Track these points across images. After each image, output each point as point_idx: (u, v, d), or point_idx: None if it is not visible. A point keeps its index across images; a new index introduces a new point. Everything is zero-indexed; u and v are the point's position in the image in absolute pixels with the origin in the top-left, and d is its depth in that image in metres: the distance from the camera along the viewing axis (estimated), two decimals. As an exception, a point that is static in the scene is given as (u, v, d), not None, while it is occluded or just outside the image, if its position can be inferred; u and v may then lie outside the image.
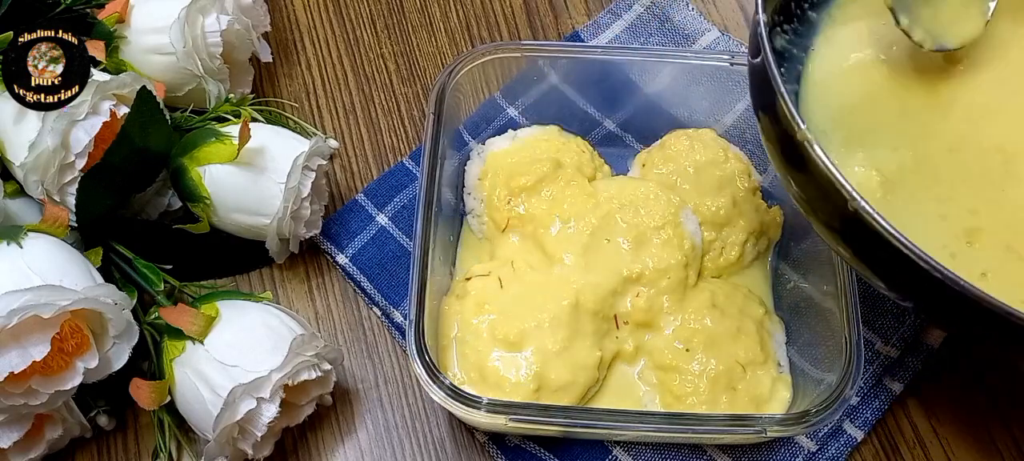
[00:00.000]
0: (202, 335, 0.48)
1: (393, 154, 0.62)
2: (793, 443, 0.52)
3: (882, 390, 0.54)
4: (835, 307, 0.48)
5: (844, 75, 0.47)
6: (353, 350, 0.56)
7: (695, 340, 0.50)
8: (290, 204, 0.51)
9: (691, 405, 0.49)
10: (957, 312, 0.38)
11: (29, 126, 0.48)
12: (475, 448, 0.53)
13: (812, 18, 0.48)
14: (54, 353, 0.44)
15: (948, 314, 0.40)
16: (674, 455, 0.52)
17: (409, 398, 0.54)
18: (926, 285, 0.36)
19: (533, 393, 0.48)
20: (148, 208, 0.56)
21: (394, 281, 0.56)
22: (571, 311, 0.50)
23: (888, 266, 0.39)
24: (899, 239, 0.36)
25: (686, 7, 0.67)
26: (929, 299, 0.39)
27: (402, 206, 0.59)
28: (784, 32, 0.47)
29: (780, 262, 0.56)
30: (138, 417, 0.53)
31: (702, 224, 0.54)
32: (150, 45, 0.55)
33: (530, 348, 0.49)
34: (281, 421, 0.49)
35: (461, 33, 0.68)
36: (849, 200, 0.37)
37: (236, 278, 0.57)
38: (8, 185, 0.51)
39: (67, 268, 0.46)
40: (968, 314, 0.37)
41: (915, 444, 0.53)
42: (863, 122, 0.46)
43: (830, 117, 0.46)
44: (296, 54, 0.66)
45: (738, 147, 0.58)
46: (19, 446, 0.47)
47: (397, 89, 0.65)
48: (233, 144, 0.51)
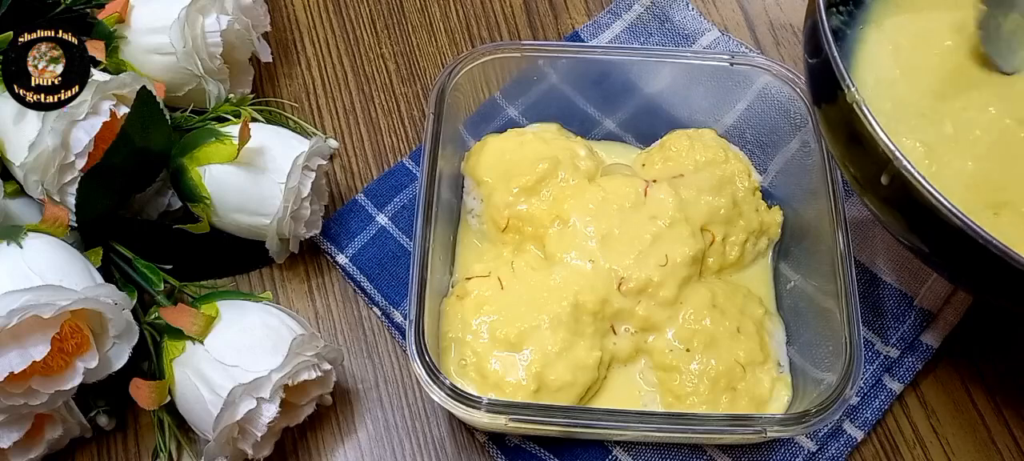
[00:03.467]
0: (202, 335, 0.48)
1: (393, 154, 0.62)
2: (793, 443, 0.52)
3: (882, 390, 0.54)
4: (835, 307, 0.48)
5: (897, 52, 0.50)
6: (353, 350, 0.56)
7: (695, 340, 0.50)
8: (290, 204, 0.51)
9: (691, 405, 0.49)
10: (982, 268, 0.41)
11: (29, 126, 0.48)
12: (475, 448, 0.53)
13: (867, 2, 0.51)
14: (54, 353, 0.44)
15: (974, 272, 0.43)
16: (674, 455, 0.52)
17: (409, 398, 0.54)
18: (953, 239, 0.40)
19: (533, 393, 0.48)
20: (148, 208, 0.56)
21: (394, 281, 0.56)
22: (571, 311, 0.50)
23: (925, 225, 0.42)
24: (937, 197, 0.39)
25: (686, 7, 0.67)
26: (956, 255, 0.42)
27: (402, 206, 0.59)
28: (839, 13, 0.50)
29: (780, 262, 0.56)
30: (138, 417, 0.53)
31: (702, 224, 0.54)
32: (150, 45, 0.55)
33: (530, 348, 0.49)
34: (281, 421, 0.49)
35: (461, 33, 0.68)
36: (892, 160, 0.40)
37: (236, 278, 0.58)
38: (8, 185, 0.51)
39: (67, 268, 0.46)
40: (991, 269, 0.40)
41: (915, 444, 0.53)
42: (910, 94, 0.49)
43: (878, 87, 0.49)
44: (296, 54, 0.66)
45: (738, 147, 0.58)
46: (19, 446, 0.47)
47: (397, 89, 0.65)
48: (233, 144, 0.51)
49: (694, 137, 0.57)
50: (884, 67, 0.50)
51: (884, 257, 0.57)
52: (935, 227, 0.41)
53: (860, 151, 0.43)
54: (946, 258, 0.44)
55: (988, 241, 0.39)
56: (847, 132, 0.44)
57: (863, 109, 0.42)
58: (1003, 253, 0.38)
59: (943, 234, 0.40)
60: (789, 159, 0.57)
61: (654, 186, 0.54)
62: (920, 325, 0.55)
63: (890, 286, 0.56)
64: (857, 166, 0.45)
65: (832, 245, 0.50)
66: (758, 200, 0.56)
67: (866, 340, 0.54)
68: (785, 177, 0.57)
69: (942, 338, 0.55)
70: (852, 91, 0.43)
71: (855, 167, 0.45)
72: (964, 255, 0.41)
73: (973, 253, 0.40)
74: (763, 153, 0.59)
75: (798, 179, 0.56)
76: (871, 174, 0.43)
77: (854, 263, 0.49)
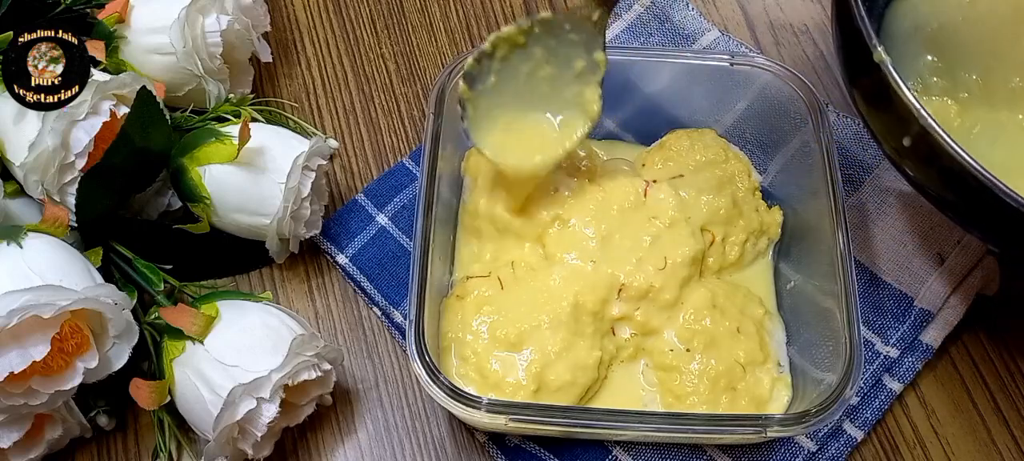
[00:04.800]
0: (202, 335, 0.48)
1: (393, 154, 0.62)
2: (793, 443, 0.52)
3: (882, 390, 0.54)
4: (835, 307, 0.48)
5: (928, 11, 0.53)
6: (353, 350, 0.56)
7: (695, 340, 0.50)
8: (290, 204, 0.51)
9: (691, 405, 0.49)
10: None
11: (29, 126, 0.48)
12: (475, 448, 0.53)
13: None
14: (54, 353, 0.44)
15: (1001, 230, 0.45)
16: (674, 455, 0.52)
17: (409, 398, 0.54)
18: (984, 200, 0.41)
19: (533, 393, 0.48)
20: (148, 208, 0.56)
21: (394, 281, 0.56)
22: (571, 311, 0.50)
23: (951, 183, 0.44)
24: (960, 153, 0.41)
25: (686, 7, 0.67)
26: (986, 213, 0.44)
27: (402, 206, 0.59)
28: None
29: (780, 262, 0.56)
30: (138, 417, 0.53)
31: (702, 224, 0.54)
32: (150, 45, 0.55)
33: (530, 348, 0.49)
34: (281, 421, 0.49)
35: (461, 33, 0.68)
36: (918, 119, 0.42)
37: (236, 278, 0.58)
38: (8, 185, 0.51)
39: (67, 268, 0.46)
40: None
41: (915, 444, 0.53)
42: (941, 46, 0.52)
43: (910, 36, 0.52)
44: (296, 54, 0.66)
45: (738, 147, 0.58)
46: (19, 446, 0.47)
47: (397, 89, 0.65)
48: (233, 144, 0.51)
49: (694, 137, 0.57)
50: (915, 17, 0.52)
51: (884, 257, 0.57)
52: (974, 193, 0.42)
53: (887, 112, 0.45)
54: (983, 222, 0.46)
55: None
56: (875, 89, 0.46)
57: (889, 67, 0.44)
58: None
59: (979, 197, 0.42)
60: (789, 159, 0.57)
61: (654, 186, 0.54)
62: (920, 325, 0.55)
63: (890, 286, 0.56)
64: (884, 125, 0.47)
65: (832, 245, 0.50)
66: (758, 200, 0.56)
67: (866, 340, 0.54)
68: (785, 177, 0.57)
69: (942, 338, 0.55)
70: (879, 51, 0.44)
71: (882, 126, 0.47)
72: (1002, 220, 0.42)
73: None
74: (763, 153, 0.59)
75: (798, 179, 0.56)
76: (897, 133, 0.45)
77: (854, 263, 0.49)
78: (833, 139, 0.52)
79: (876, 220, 0.58)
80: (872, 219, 0.58)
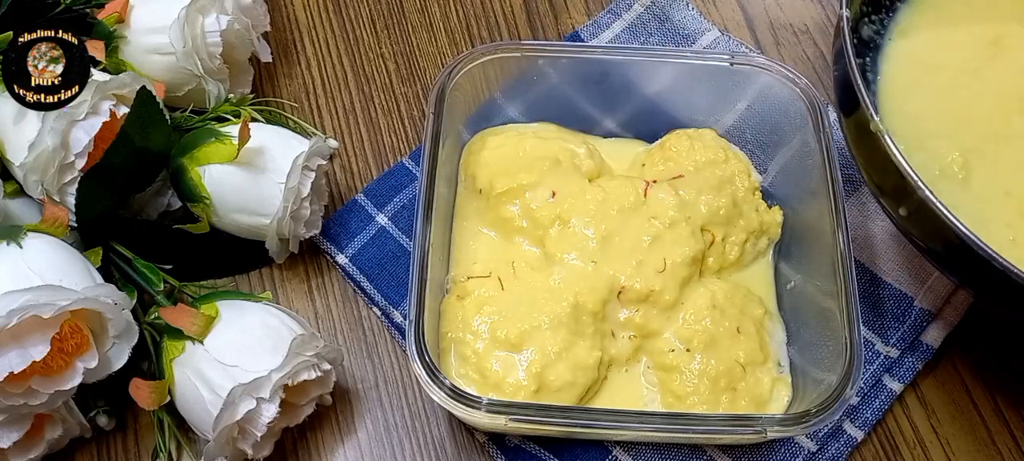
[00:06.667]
0: (202, 335, 0.48)
1: (393, 154, 0.62)
2: (793, 443, 0.52)
3: (882, 390, 0.54)
4: (835, 307, 0.48)
5: (923, 66, 0.53)
6: (353, 350, 0.56)
7: (695, 340, 0.50)
8: (290, 204, 0.51)
9: (691, 405, 0.49)
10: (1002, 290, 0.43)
11: (29, 126, 0.48)
12: (475, 448, 0.53)
13: (899, 7, 0.54)
14: (54, 353, 0.44)
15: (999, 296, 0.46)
16: (674, 455, 0.52)
17: (409, 398, 0.54)
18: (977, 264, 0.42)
19: (533, 393, 0.48)
20: (148, 208, 0.56)
21: (394, 281, 0.56)
22: (571, 312, 0.50)
23: (947, 246, 0.44)
24: (952, 220, 0.42)
25: (686, 7, 0.67)
26: (982, 280, 0.44)
27: (402, 206, 0.59)
28: (871, 22, 0.53)
29: (780, 262, 0.56)
30: (138, 417, 0.53)
31: (702, 224, 0.54)
32: (150, 45, 0.55)
33: (530, 348, 0.49)
34: (281, 421, 0.49)
35: (461, 33, 0.68)
36: (916, 190, 0.43)
37: (236, 278, 0.57)
38: (8, 185, 0.51)
39: (67, 268, 0.46)
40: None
41: (915, 444, 0.53)
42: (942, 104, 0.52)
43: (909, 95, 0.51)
44: (296, 54, 0.66)
45: (738, 147, 0.58)
46: (19, 446, 0.47)
47: (397, 89, 0.65)
48: (233, 144, 0.51)
49: (694, 137, 0.57)
50: (912, 75, 0.51)
51: (884, 257, 0.57)
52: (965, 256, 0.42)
53: (884, 173, 0.46)
54: (976, 283, 0.46)
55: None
56: (872, 153, 0.46)
57: (887, 138, 0.45)
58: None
59: (973, 262, 0.42)
60: (789, 159, 0.57)
61: (654, 186, 0.54)
62: (920, 325, 0.55)
63: (890, 286, 0.56)
64: (879, 179, 0.48)
65: (832, 245, 0.50)
66: (758, 200, 0.56)
67: (866, 340, 0.54)
68: (785, 177, 0.57)
69: (942, 338, 0.55)
70: (876, 120, 0.45)
71: (877, 180, 0.48)
72: (993, 284, 0.42)
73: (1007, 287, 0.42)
74: (763, 153, 0.59)
75: (798, 179, 0.56)
76: (894, 195, 0.46)
77: (854, 263, 0.49)
78: (833, 139, 0.52)
79: (876, 220, 0.58)
80: (872, 219, 0.58)
